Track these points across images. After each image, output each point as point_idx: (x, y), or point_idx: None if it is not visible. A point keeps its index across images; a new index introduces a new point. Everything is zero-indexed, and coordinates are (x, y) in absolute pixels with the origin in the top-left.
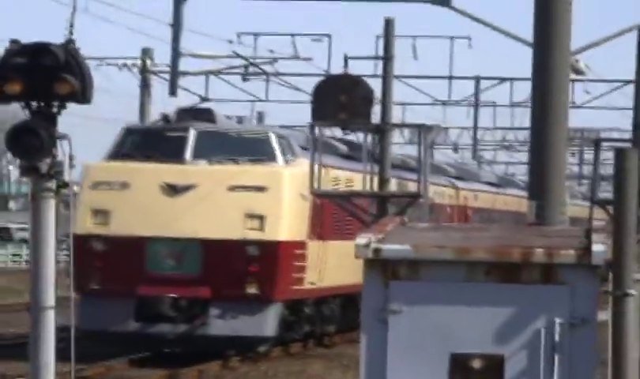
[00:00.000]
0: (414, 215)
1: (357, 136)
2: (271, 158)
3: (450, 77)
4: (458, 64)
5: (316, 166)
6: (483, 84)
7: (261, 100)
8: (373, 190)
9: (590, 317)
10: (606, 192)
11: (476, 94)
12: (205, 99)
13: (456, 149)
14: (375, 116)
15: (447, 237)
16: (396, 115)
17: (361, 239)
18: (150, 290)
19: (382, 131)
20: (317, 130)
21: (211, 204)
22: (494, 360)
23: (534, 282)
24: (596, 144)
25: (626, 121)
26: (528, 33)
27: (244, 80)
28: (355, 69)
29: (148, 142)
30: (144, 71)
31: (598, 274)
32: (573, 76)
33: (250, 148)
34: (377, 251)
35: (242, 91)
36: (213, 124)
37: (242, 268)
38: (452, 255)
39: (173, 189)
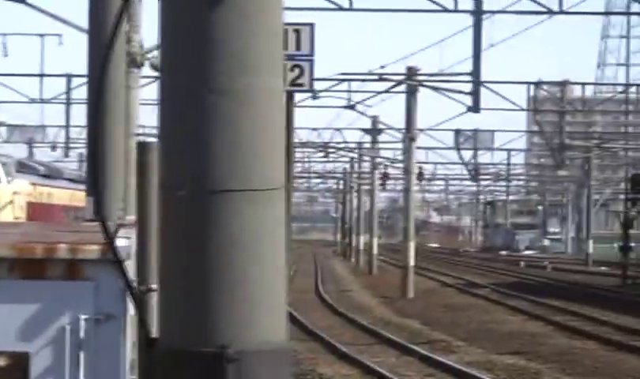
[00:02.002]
0: None
1: None
2: None
3: (42, 75)
4: (50, 62)
5: None
6: (76, 81)
7: None
8: None
9: (116, 312)
10: None
11: (68, 91)
12: None
13: (54, 147)
14: None
15: None
16: None
17: None
18: None
19: None
20: None
21: None
22: (18, 358)
23: (59, 278)
24: None
25: None
26: None
27: None
28: None
29: None
30: None
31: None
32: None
33: None
34: None
35: None
36: None
37: None
38: None
39: None
